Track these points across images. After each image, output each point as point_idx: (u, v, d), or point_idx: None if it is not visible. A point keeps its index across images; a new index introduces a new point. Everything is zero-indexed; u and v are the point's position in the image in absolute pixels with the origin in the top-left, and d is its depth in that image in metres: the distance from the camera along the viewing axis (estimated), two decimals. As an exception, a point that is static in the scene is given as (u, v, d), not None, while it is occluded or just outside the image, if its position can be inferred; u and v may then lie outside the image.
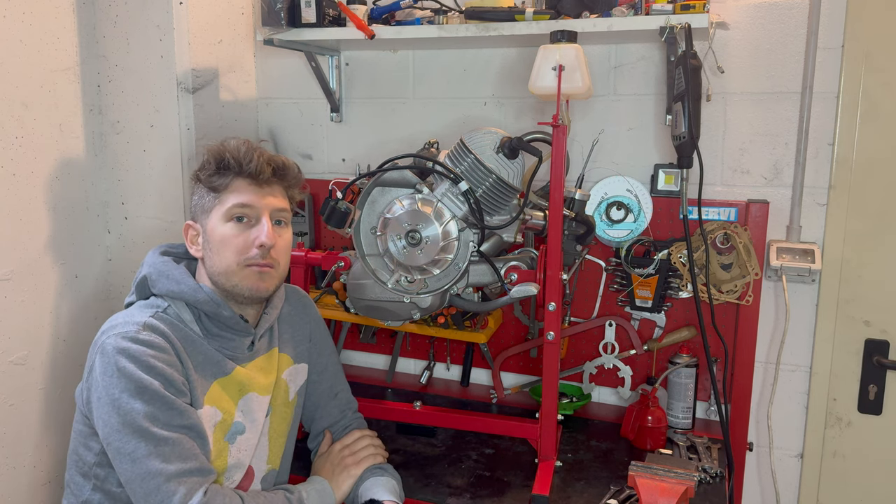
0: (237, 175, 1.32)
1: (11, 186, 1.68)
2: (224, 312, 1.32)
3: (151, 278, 1.33)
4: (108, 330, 1.26)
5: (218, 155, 1.32)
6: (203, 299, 1.30)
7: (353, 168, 2.11)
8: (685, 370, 1.79)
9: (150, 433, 1.17)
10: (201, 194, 1.34)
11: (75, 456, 1.33)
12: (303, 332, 1.53)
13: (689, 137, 1.54)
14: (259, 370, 1.40)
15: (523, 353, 2.00)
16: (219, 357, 1.33)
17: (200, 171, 1.34)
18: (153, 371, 1.21)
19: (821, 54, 1.70)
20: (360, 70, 2.11)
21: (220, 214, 1.31)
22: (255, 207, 1.32)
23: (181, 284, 1.31)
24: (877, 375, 1.77)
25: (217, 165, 1.32)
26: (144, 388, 1.19)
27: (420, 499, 1.51)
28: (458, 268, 1.50)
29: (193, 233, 1.36)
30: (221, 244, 1.31)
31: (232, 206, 1.31)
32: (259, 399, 1.39)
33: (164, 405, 1.20)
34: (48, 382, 1.81)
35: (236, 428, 1.34)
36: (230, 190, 1.31)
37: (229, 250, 1.31)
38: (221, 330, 1.34)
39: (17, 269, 1.71)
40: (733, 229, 1.74)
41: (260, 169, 1.32)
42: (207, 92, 1.96)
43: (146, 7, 1.85)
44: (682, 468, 1.50)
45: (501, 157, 1.48)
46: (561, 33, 1.52)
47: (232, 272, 1.31)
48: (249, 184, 1.32)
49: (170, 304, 1.32)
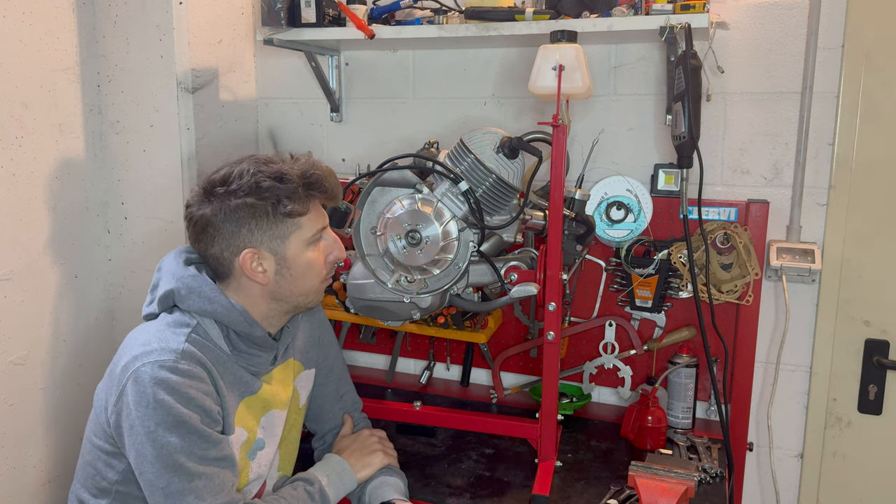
0: (318, 198, 1.32)
1: (11, 186, 1.68)
2: (256, 332, 1.30)
3: (180, 294, 1.26)
4: (141, 356, 1.19)
5: (309, 179, 1.27)
6: (237, 319, 1.27)
7: (353, 168, 2.10)
8: (685, 370, 1.79)
9: (185, 468, 1.16)
10: (268, 220, 1.26)
11: (91, 469, 1.29)
12: (312, 336, 1.52)
13: (689, 137, 1.54)
14: (279, 383, 1.39)
15: (523, 353, 2.00)
16: (247, 376, 1.31)
17: (279, 201, 1.25)
18: (192, 403, 1.17)
19: (821, 54, 1.70)
20: (360, 70, 2.11)
21: (303, 240, 1.30)
22: (326, 226, 1.36)
23: (214, 304, 1.26)
24: (877, 375, 1.77)
25: (308, 189, 1.28)
26: (182, 423, 1.16)
27: (420, 499, 1.51)
28: (458, 268, 1.50)
29: (261, 261, 1.28)
30: (308, 269, 1.32)
31: (316, 231, 1.31)
32: (279, 414, 1.39)
33: (201, 439, 1.18)
34: (48, 382, 1.81)
35: (258, 445, 1.33)
36: (311, 214, 1.30)
37: (315, 273, 1.33)
38: (249, 347, 1.31)
39: (17, 269, 1.71)
40: (733, 229, 1.74)
41: (336, 191, 1.33)
42: (207, 92, 1.96)
43: (146, 7, 1.85)
44: (682, 468, 1.50)
45: (501, 157, 1.48)
46: (561, 33, 1.52)
47: (315, 291, 1.35)
48: (324, 204, 1.34)
49: (199, 320, 1.27)
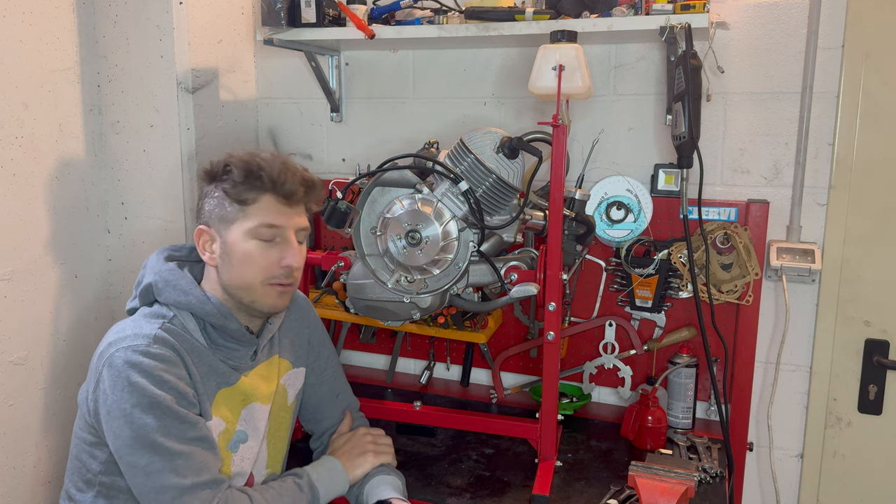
0: (268, 192, 1.26)
1: (11, 186, 1.68)
2: (231, 325, 1.30)
3: (157, 286, 1.29)
4: (116, 342, 1.23)
5: (249, 168, 1.25)
6: (211, 311, 1.28)
7: (353, 168, 2.10)
8: (685, 370, 1.79)
9: (164, 447, 1.17)
10: (222, 203, 1.27)
11: (77, 462, 1.31)
12: (302, 336, 1.52)
13: (689, 137, 1.54)
14: (261, 378, 1.39)
15: (523, 353, 2.00)
16: (223, 367, 1.31)
17: (224, 179, 1.26)
18: (165, 385, 1.19)
19: (821, 54, 1.70)
20: (360, 70, 2.11)
21: (244, 230, 1.26)
22: (284, 227, 1.28)
23: (189, 295, 1.28)
24: (877, 375, 1.77)
25: (247, 178, 1.25)
26: (157, 403, 1.17)
27: (420, 499, 1.51)
28: (458, 268, 1.50)
29: (208, 239, 1.30)
30: (245, 260, 1.27)
31: (260, 224, 1.26)
32: (261, 408, 1.39)
33: (177, 419, 1.19)
34: (48, 382, 1.81)
35: (239, 437, 1.33)
36: (259, 206, 1.26)
37: (253, 269, 1.27)
38: (226, 340, 1.32)
39: (17, 269, 1.71)
40: (733, 229, 1.74)
41: (293, 190, 1.27)
42: (207, 92, 1.96)
43: (146, 7, 1.85)
44: (682, 468, 1.50)
45: (501, 157, 1.47)
46: (561, 33, 1.52)
47: (253, 288, 1.29)
48: (280, 203, 1.27)
49: (175, 313, 1.29)
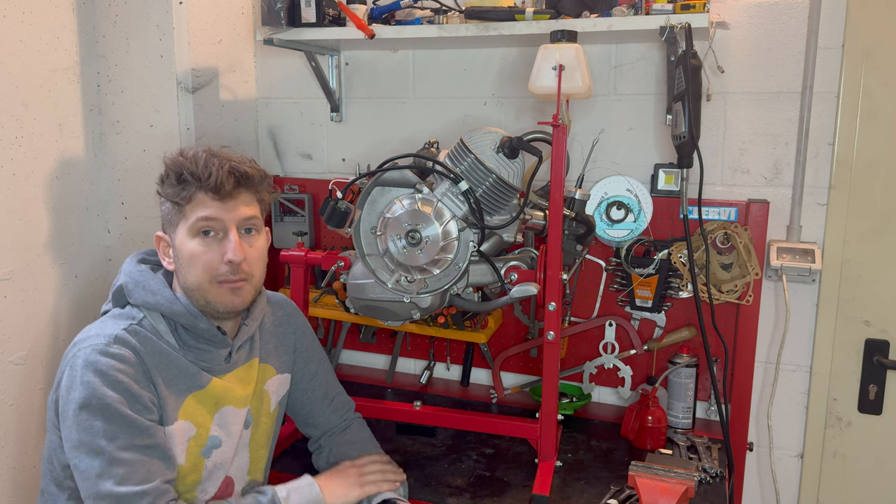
0: (199, 189, 1.25)
1: (11, 186, 1.68)
2: (201, 325, 1.28)
3: (128, 288, 1.29)
4: (79, 342, 1.23)
5: (175, 168, 1.25)
6: (179, 311, 1.27)
7: (353, 168, 2.10)
8: (685, 370, 1.79)
9: (106, 452, 1.15)
10: (167, 206, 1.28)
11: (49, 465, 1.30)
12: (287, 342, 1.51)
13: (689, 137, 1.54)
14: (237, 381, 1.37)
15: (523, 353, 2.00)
16: (194, 370, 1.29)
17: (161, 184, 1.28)
18: (119, 387, 1.17)
19: (821, 54, 1.70)
20: (360, 70, 2.11)
21: (185, 229, 1.25)
22: (221, 220, 1.26)
23: (157, 296, 1.27)
24: (877, 375, 1.77)
25: (177, 179, 1.25)
26: (107, 406, 1.16)
27: (420, 499, 1.51)
28: (458, 268, 1.50)
29: (164, 245, 1.31)
30: (190, 260, 1.26)
31: (196, 220, 1.24)
32: (235, 412, 1.36)
33: (125, 423, 1.16)
34: (48, 382, 1.80)
35: (212, 442, 1.31)
36: (193, 203, 1.25)
37: (198, 267, 1.26)
38: (198, 342, 1.30)
39: (17, 268, 1.71)
40: (733, 229, 1.74)
41: (220, 182, 1.24)
42: (207, 92, 1.96)
43: (146, 7, 1.85)
44: (682, 468, 1.50)
45: (501, 157, 1.47)
46: (561, 33, 1.52)
47: (204, 289, 1.27)
48: (212, 197, 1.25)
49: (146, 315, 1.28)
